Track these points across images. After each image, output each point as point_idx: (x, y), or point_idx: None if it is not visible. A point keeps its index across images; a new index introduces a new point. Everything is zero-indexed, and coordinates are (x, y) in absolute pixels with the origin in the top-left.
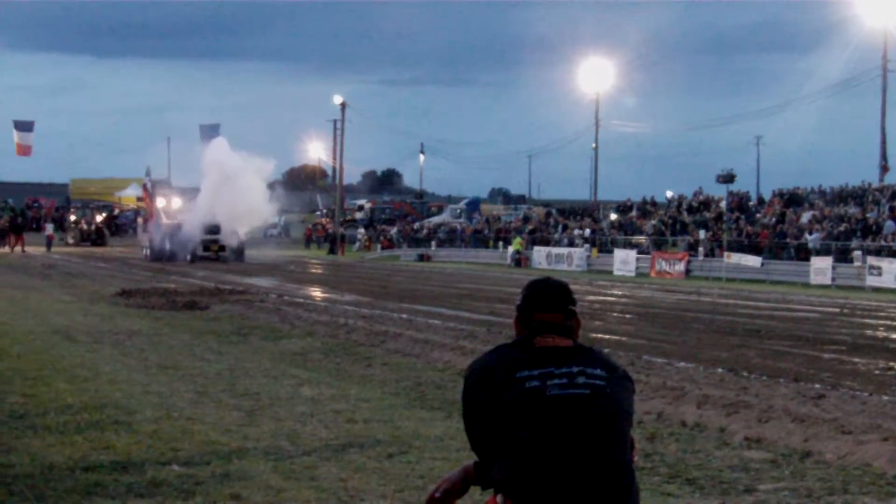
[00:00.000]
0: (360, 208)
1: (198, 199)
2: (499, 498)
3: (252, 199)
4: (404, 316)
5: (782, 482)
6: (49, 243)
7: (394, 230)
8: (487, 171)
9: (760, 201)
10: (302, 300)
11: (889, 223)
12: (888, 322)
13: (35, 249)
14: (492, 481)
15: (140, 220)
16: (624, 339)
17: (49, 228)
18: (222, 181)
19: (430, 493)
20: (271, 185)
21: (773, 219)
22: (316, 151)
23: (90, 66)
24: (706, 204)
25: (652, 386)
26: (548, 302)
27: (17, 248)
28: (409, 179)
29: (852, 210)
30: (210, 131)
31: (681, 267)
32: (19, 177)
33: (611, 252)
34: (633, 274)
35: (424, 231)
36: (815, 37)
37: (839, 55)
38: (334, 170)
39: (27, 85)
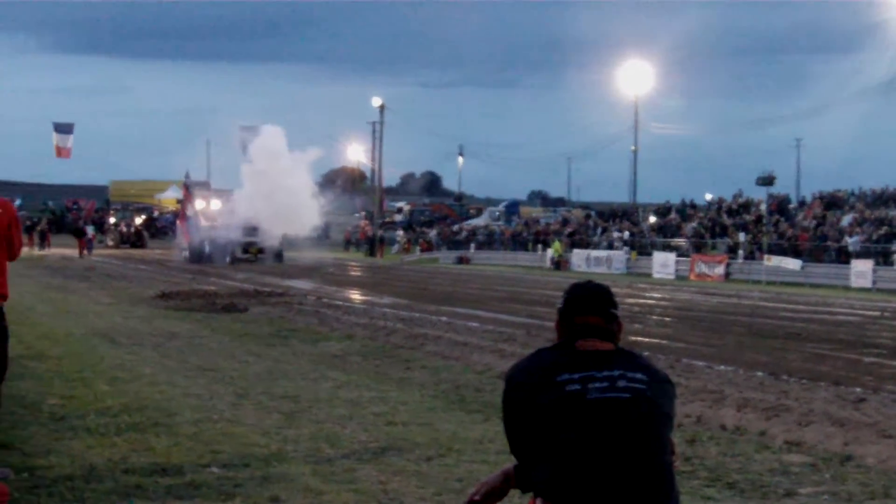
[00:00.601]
0: (399, 210)
1: (238, 196)
2: (538, 501)
3: (299, 198)
4: (443, 318)
5: (822, 486)
6: (90, 246)
7: (433, 232)
8: (526, 173)
9: (801, 204)
10: (341, 303)
11: None
12: None
13: (73, 251)
14: (531, 484)
15: (179, 222)
16: (663, 342)
17: (89, 231)
18: (269, 175)
19: (470, 497)
20: (319, 185)
21: (814, 221)
22: (355, 154)
23: (130, 68)
24: (746, 206)
25: (692, 389)
26: (588, 305)
27: (84, 252)
28: (449, 182)
29: (893, 213)
30: (249, 133)
31: (720, 270)
32: (59, 179)
33: (650, 255)
34: (672, 277)
35: (463, 233)
36: (857, 38)
37: (881, 56)
38: (373, 172)
39: (67, 87)
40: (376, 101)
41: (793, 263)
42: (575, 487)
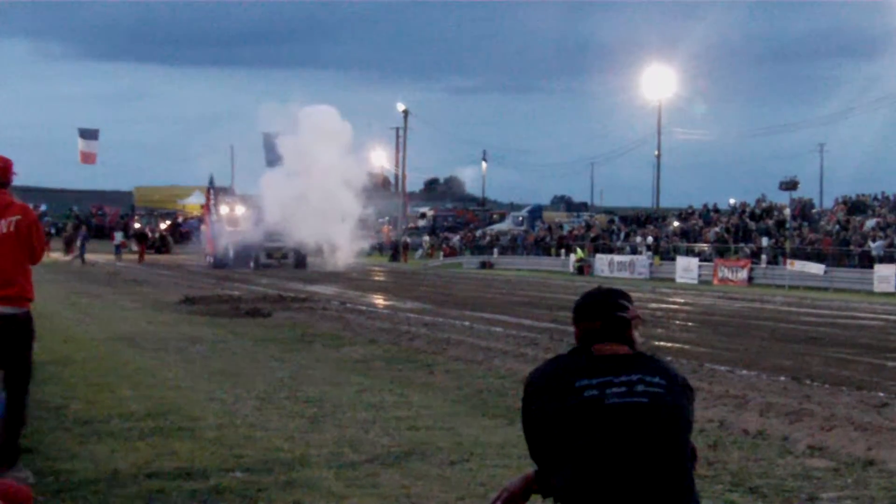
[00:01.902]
0: (423, 216)
1: (264, 201)
2: None
3: (341, 192)
4: (466, 323)
5: (845, 491)
6: (119, 251)
7: (456, 238)
8: (550, 178)
9: (824, 209)
10: (364, 308)
11: None
12: None
13: (97, 257)
14: (552, 489)
15: (203, 227)
16: (686, 346)
17: (118, 237)
18: (316, 156)
19: (492, 501)
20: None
21: (837, 226)
22: (379, 159)
23: (155, 74)
24: (769, 211)
25: (714, 394)
26: (588, 311)
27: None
28: (472, 187)
29: None
30: (273, 140)
31: (743, 274)
32: (84, 185)
33: (673, 259)
34: (695, 281)
35: (487, 238)
36: (880, 42)
37: None
38: (397, 177)
39: (93, 93)
40: (400, 107)
41: (816, 268)
42: (593, 493)
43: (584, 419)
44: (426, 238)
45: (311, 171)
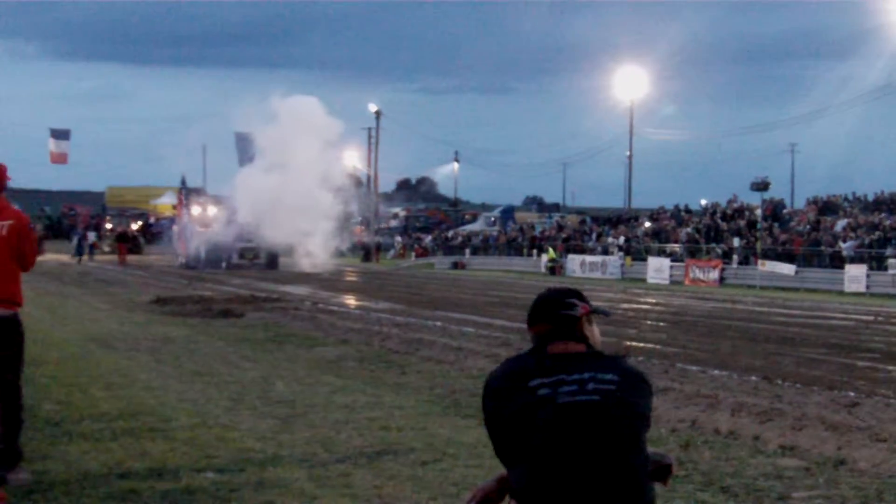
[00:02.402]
0: (395, 216)
1: (236, 201)
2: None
3: (315, 189)
4: (438, 323)
5: (816, 490)
6: (91, 251)
7: (428, 238)
8: (522, 179)
9: (795, 210)
10: (336, 308)
11: None
12: None
13: (60, 257)
14: (510, 488)
15: (175, 228)
16: (658, 346)
17: (91, 237)
18: (294, 149)
19: (466, 502)
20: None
21: (808, 226)
22: (351, 159)
23: (126, 74)
24: (740, 211)
25: (686, 394)
26: (537, 313)
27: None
28: (444, 187)
29: (887, 218)
30: (245, 140)
31: (715, 275)
32: (56, 185)
33: (645, 260)
34: (667, 282)
35: (459, 239)
36: (851, 44)
37: (875, 62)
38: (369, 177)
39: (64, 93)
40: (372, 107)
41: (787, 268)
42: (546, 491)
43: (536, 418)
44: (398, 238)
45: (288, 166)
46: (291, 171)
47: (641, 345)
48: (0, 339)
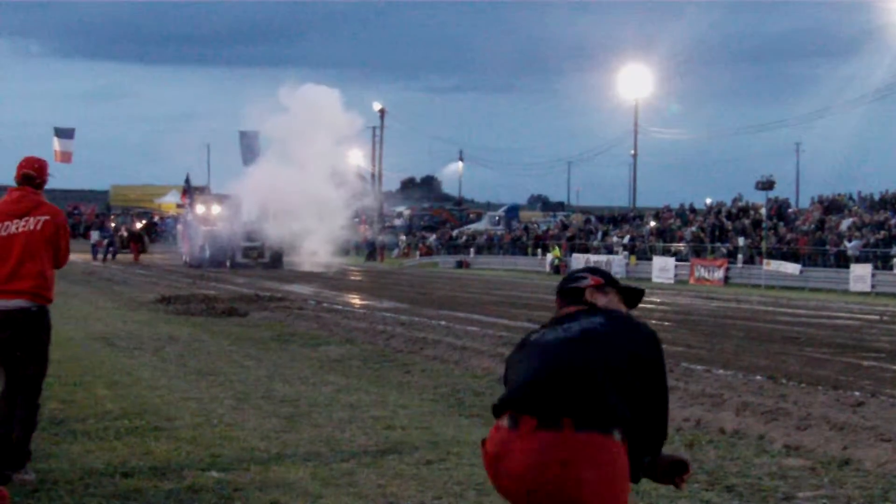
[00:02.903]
0: (400, 215)
1: (241, 199)
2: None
3: (325, 185)
4: (443, 323)
5: (821, 490)
6: (96, 251)
7: (433, 237)
8: (527, 177)
9: (800, 209)
10: (341, 307)
11: None
12: None
13: (77, 257)
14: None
15: (179, 226)
16: (663, 346)
17: (95, 236)
18: (309, 137)
19: None
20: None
21: (813, 226)
22: (355, 158)
23: (131, 73)
24: (745, 211)
25: (691, 393)
26: (556, 294)
27: (108, 258)
28: (449, 186)
29: (892, 217)
30: (250, 138)
31: (720, 274)
32: (60, 184)
33: (649, 259)
34: (671, 281)
35: (463, 238)
36: (857, 42)
37: (881, 60)
38: (373, 176)
39: (69, 92)
40: (376, 106)
41: (792, 268)
42: (511, 395)
43: (523, 354)
44: (402, 237)
45: (299, 162)
46: (301, 166)
47: None
48: (26, 332)
